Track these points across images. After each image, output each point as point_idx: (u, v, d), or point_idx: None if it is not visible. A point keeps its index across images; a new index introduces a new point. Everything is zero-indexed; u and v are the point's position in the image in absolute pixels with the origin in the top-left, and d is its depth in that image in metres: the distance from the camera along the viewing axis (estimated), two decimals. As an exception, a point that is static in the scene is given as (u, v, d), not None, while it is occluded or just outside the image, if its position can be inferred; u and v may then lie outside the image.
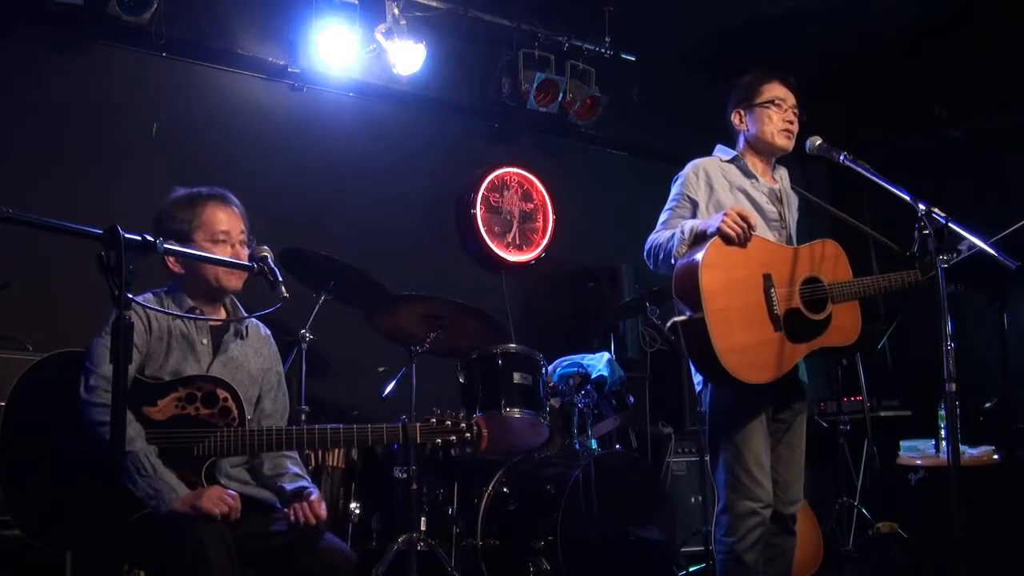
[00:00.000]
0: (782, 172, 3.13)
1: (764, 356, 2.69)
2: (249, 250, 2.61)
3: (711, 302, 2.63)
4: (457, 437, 2.57)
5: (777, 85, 3.00)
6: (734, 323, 2.67)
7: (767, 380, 2.70)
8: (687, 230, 2.76)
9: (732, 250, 2.69)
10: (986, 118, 5.76)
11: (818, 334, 2.81)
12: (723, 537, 2.81)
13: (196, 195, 2.60)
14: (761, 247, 2.78)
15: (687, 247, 2.75)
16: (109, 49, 4.31)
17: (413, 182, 5.17)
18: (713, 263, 2.67)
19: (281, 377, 2.78)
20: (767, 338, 2.71)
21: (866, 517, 4.85)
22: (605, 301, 5.27)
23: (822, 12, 5.47)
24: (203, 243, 2.54)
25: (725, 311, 2.66)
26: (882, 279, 2.83)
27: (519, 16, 5.27)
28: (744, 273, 2.73)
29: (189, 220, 2.55)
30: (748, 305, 2.71)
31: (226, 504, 2.29)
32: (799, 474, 2.94)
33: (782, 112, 2.97)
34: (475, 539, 3.72)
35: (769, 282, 2.75)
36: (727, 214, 2.67)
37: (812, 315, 2.78)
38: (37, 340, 3.33)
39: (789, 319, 2.75)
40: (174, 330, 2.52)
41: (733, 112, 3.05)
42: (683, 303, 2.71)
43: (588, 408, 4.13)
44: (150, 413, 2.37)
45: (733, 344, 2.64)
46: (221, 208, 2.59)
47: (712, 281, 2.65)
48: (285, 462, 2.65)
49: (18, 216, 1.78)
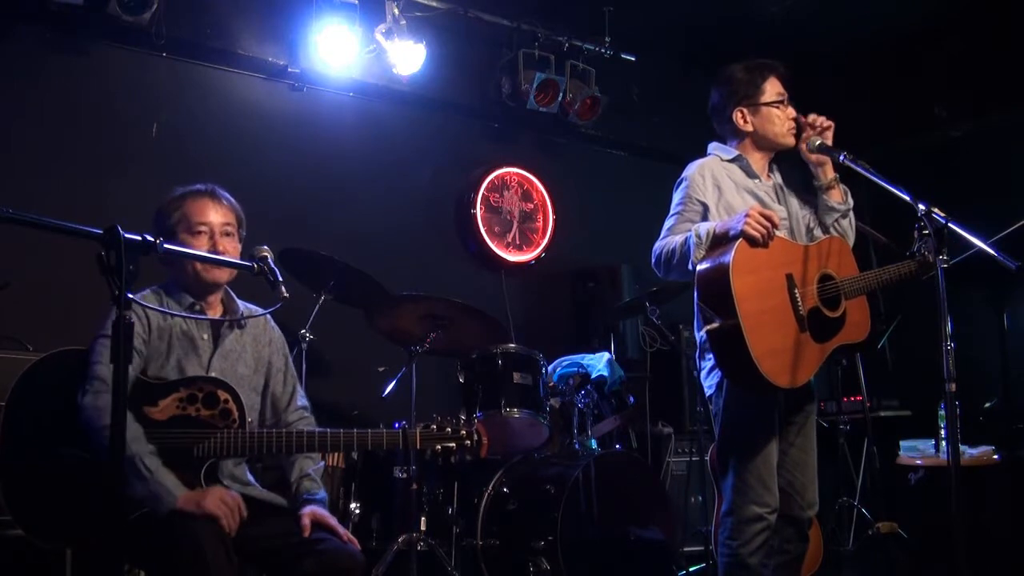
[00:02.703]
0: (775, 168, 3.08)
1: (796, 358, 2.62)
2: (239, 244, 2.61)
3: (744, 306, 2.54)
4: (457, 444, 2.57)
5: (776, 81, 2.95)
6: (765, 327, 2.58)
7: (801, 383, 2.65)
8: (703, 233, 2.66)
9: (756, 251, 2.61)
10: (986, 118, 5.76)
11: (837, 332, 2.77)
12: (727, 540, 2.77)
13: (186, 191, 2.62)
14: (780, 247, 2.71)
15: (704, 252, 2.66)
16: (109, 49, 4.31)
17: (413, 182, 5.17)
18: (741, 266, 2.57)
19: (287, 359, 2.77)
20: (796, 340, 2.64)
21: (866, 517, 4.85)
22: (605, 301, 5.28)
23: (822, 12, 5.47)
24: (183, 235, 2.54)
25: (757, 315, 2.57)
26: (883, 272, 2.82)
27: (519, 16, 5.27)
28: (769, 274, 2.66)
29: (173, 215, 2.56)
30: (776, 307, 2.64)
31: (228, 506, 2.29)
32: (814, 477, 2.88)
33: (785, 109, 2.93)
34: (475, 539, 3.72)
35: (792, 282, 2.69)
36: (749, 215, 2.59)
37: (830, 313, 2.75)
38: (37, 340, 3.33)
39: (812, 318, 2.70)
40: (175, 328, 2.52)
41: (735, 111, 2.96)
42: (712, 310, 2.61)
43: (588, 408, 4.13)
44: (151, 413, 2.37)
45: (767, 348, 2.56)
46: (201, 201, 2.58)
47: (743, 285, 2.56)
48: (307, 464, 2.66)
49: (18, 216, 1.78)
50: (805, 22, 5.54)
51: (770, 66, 2.98)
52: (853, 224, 2.99)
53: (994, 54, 5.46)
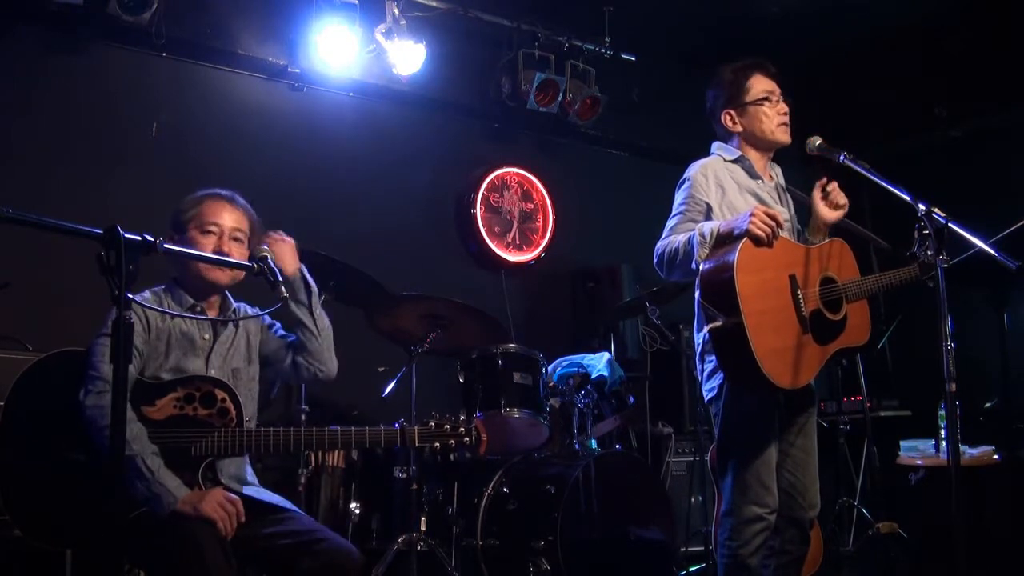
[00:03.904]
0: (776, 169, 3.08)
1: (797, 359, 2.64)
2: (247, 252, 2.62)
3: (748, 305, 2.55)
4: (456, 441, 2.57)
5: (761, 78, 2.93)
6: (768, 327, 2.59)
7: (803, 384, 2.66)
8: (707, 233, 2.66)
9: (761, 251, 2.61)
10: (986, 118, 5.75)
11: (838, 334, 2.78)
12: (726, 540, 2.77)
13: (208, 192, 2.66)
14: (784, 247, 2.71)
15: (708, 251, 2.66)
16: (109, 49, 4.30)
17: (413, 182, 5.17)
18: (745, 266, 2.58)
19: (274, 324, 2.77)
20: (798, 341, 2.65)
21: (866, 517, 4.85)
22: (605, 301, 5.28)
23: (822, 11, 5.47)
24: (192, 231, 2.57)
25: (760, 315, 2.58)
26: (885, 276, 2.82)
27: (519, 16, 5.27)
28: (773, 275, 2.67)
29: (187, 211, 2.59)
30: (779, 308, 2.65)
31: (225, 511, 2.29)
32: (815, 477, 2.88)
33: (775, 106, 2.91)
34: (475, 539, 3.72)
35: (795, 283, 2.70)
36: (754, 214, 2.59)
37: (832, 316, 2.76)
38: (37, 340, 3.33)
39: (814, 320, 2.71)
40: (174, 329, 2.52)
41: (723, 114, 2.96)
42: (715, 309, 2.62)
43: (588, 408, 4.13)
44: (148, 413, 2.37)
45: (770, 348, 2.57)
46: (219, 203, 2.62)
47: (747, 285, 2.57)
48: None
49: (18, 216, 1.78)
50: (805, 22, 5.54)
51: (755, 64, 2.96)
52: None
53: (994, 54, 5.46)
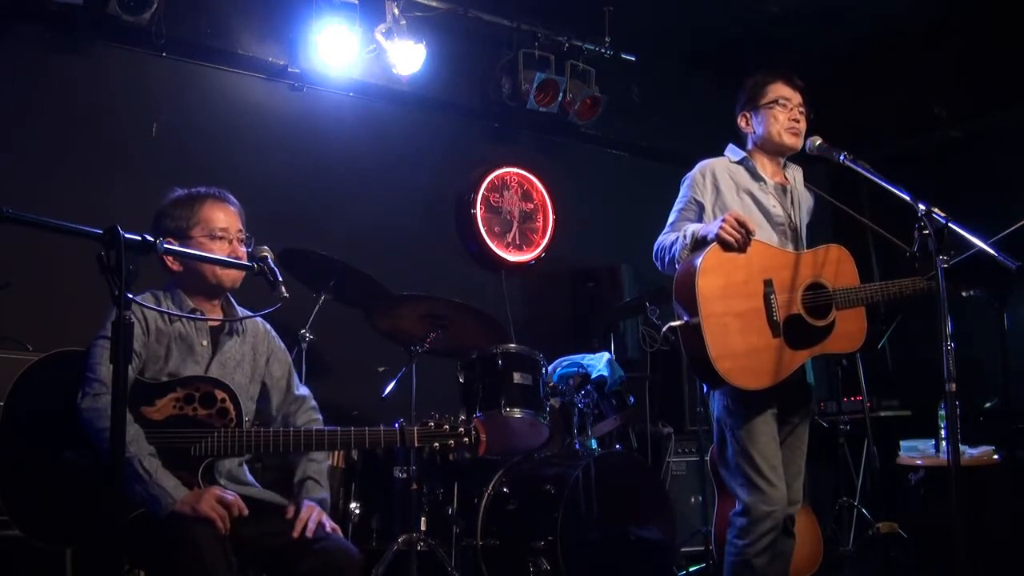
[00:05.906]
0: (795, 172, 3.12)
1: (761, 362, 2.70)
2: (248, 249, 2.62)
3: (707, 307, 2.65)
4: (455, 441, 2.57)
5: (781, 85, 3.00)
6: (730, 328, 2.68)
7: (763, 386, 2.70)
8: (689, 234, 2.79)
9: (732, 255, 2.71)
10: (986, 118, 5.75)
11: (819, 340, 2.80)
12: (735, 539, 2.80)
13: (195, 193, 2.63)
14: (763, 252, 2.79)
15: (689, 251, 2.78)
16: (109, 49, 4.30)
17: (413, 182, 5.17)
18: (711, 268, 2.69)
19: (290, 367, 2.77)
20: (764, 344, 2.71)
21: (866, 517, 4.85)
22: (605, 301, 5.28)
23: (822, 12, 5.47)
24: (200, 239, 2.55)
25: (721, 316, 2.67)
26: (890, 285, 2.82)
27: (519, 16, 5.26)
28: (744, 278, 2.74)
29: (187, 217, 2.57)
30: (746, 311, 2.72)
31: (224, 506, 2.29)
32: (798, 474, 2.95)
33: (787, 111, 2.97)
34: (475, 539, 3.71)
35: (770, 288, 2.75)
36: (725, 219, 2.69)
37: (814, 321, 2.78)
38: (37, 340, 3.33)
39: (790, 325, 2.75)
40: (173, 332, 2.52)
41: (739, 115, 3.07)
42: (681, 307, 2.73)
43: (588, 408, 4.13)
44: (148, 413, 2.37)
45: (728, 350, 2.66)
46: (219, 205, 2.61)
47: (709, 286, 2.67)
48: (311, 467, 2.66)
49: (18, 216, 1.78)
50: (805, 22, 5.54)
51: (780, 73, 3.04)
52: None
53: (994, 54, 5.46)
